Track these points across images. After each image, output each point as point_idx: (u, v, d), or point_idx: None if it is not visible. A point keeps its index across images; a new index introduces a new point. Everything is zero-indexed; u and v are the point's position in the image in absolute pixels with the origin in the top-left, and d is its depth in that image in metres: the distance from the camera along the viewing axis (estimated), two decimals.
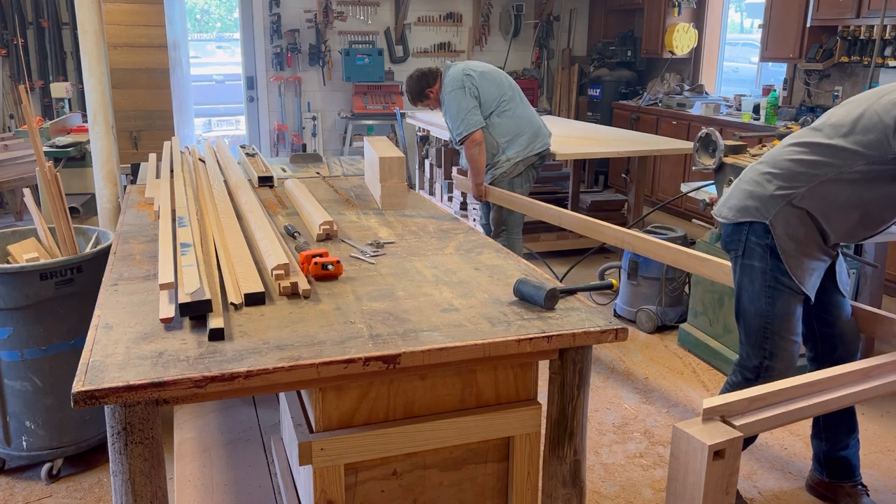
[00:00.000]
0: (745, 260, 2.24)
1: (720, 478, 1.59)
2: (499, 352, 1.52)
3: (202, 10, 13.07)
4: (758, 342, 2.26)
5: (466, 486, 1.66)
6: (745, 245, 2.23)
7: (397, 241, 2.26)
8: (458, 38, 8.23)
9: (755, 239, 2.19)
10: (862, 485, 2.51)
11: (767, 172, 2.19)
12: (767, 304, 2.21)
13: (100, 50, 3.17)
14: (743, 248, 2.24)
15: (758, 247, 2.19)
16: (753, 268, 2.22)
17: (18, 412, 2.56)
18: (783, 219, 2.14)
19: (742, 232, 2.23)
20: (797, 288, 2.17)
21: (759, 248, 2.19)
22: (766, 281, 2.20)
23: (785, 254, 2.15)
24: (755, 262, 2.21)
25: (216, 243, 2.02)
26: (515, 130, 3.98)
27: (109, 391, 1.28)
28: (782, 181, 2.14)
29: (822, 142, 2.10)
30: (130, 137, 5.92)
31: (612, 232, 3.13)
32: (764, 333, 2.24)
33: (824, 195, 2.09)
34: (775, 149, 2.26)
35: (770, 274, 2.18)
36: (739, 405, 1.68)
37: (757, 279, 2.22)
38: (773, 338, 2.23)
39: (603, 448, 2.90)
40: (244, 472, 2.26)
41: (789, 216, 2.13)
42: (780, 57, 6.06)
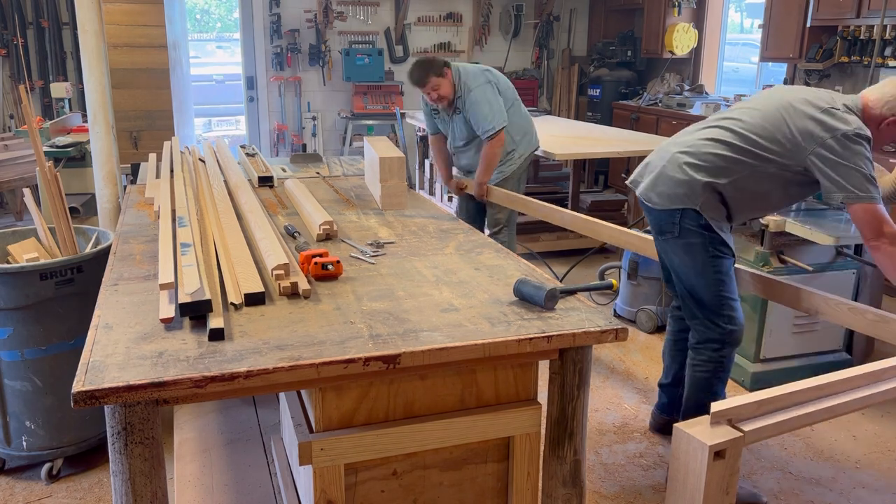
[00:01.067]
0: (683, 239, 2.42)
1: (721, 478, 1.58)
2: (499, 352, 1.52)
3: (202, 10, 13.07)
4: (716, 311, 2.44)
5: (466, 486, 1.66)
6: (680, 227, 2.41)
7: (397, 241, 2.26)
8: (458, 38, 8.23)
9: (689, 221, 2.39)
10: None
11: (692, 164, 2.38)
12: (715, 272, 2.41)
13: (100, 50, 3.17)
14: (679, 229, 2.41)
15: (693, 226, 2.39)
16: (693, 244, 2.41)
17: (18, 412, 2.56)
18: (707, 202, 2.37)
19: (675, 216, 2.41)
20: (731, 252, 2.43)
21: (694, 227, 2.38)
22: (707, 252, 2.40)
23: (717, 227, 2.39)
24: (693, 239, 2.40)
25: (216, 243, 2.02)
26: (526, 128, 3.98)
27: (109, 391, 1.28)
28: (707, 173, 2.35)
29: (740, 144, 2.33)
30: (130, 137, 5.92)
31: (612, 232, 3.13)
32: (720, 300, 2.43)
33: (740, 188, 2.36)
34: (692, 136, 2.46)
35: (710, 245, 2.39)
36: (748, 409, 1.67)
37: (699, 253, 2.41)
38: (728, 301, 2.43)
39: (603, 448, 2.90)
40: (244, 472, 2.26)
41: (711, 199, 2.37)
42: (780, 57, 6.06)
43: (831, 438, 2.97)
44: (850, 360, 3.51)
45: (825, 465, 2.77)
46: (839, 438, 2.97)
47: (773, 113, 2.32)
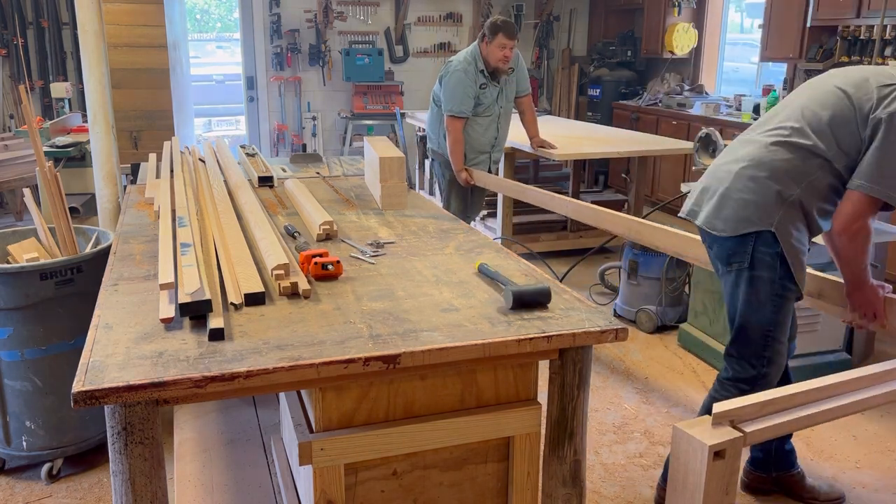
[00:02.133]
0: (754, 272, 2.15)
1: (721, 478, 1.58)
2: (499, 352, 1.52)
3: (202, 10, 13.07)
4: (758, 352, 2.21)
5: (466, 486, 1.66)
6: (752, 256, 2.14)
7: (397, 241, 2.25)
8: (458, 38, 8.23)
9: (764, 248, 2.12)
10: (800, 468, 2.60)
11: (761, 175, 2.12)
12: (773, 312, 2.17)
13: (100, 50, 3.17)
14: (750, 259, 2.14)
15: (767, 256, 2.12)
16: (762, 278, 2.14)
17: (18, 412, 2.56)
18: (787, 222, 2.10)
19: (748, 244, 2.13)
20: (798, 291, 2.18)
21: (769, 257, 2.12)
22: (774, 290, 2.15)
23: (792, 257, 2.12)
24: (764, 273, 2.14)
25: (216, 243, 2.02)
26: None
27: (109, 391, 1.28)
28: (779, 183, 2.10)
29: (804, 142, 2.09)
30: (130, 137, 5.92)
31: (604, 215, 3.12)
32: (765, 342, 2.20)
33: (816, 192, 2.10)
34: (750, 149, 2.19)
35: (779, 283, 2.14)
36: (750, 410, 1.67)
37: (765, 289, 2.15)
38: (774, 345, 2.20)
39: (603, 448, 2.90)
40: (244, 472, 2.26)
41: (791, 217, 2.11)
42: (780, 57, 6.06)
43: (831, 438, 2.97)
44: (849, 360, 3.51)
45: (825, 465, 2.77)
46: (839, 438, 2.97)
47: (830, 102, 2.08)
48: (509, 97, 4.28)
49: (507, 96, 4.26)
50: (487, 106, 4.17)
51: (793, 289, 2.16)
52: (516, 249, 4.67)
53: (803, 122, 2.11)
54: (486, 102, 4.16)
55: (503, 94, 4.22)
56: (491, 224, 5.51)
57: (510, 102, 4.31)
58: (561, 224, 5.54)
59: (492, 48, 4.04)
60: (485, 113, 4.18)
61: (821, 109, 2.09)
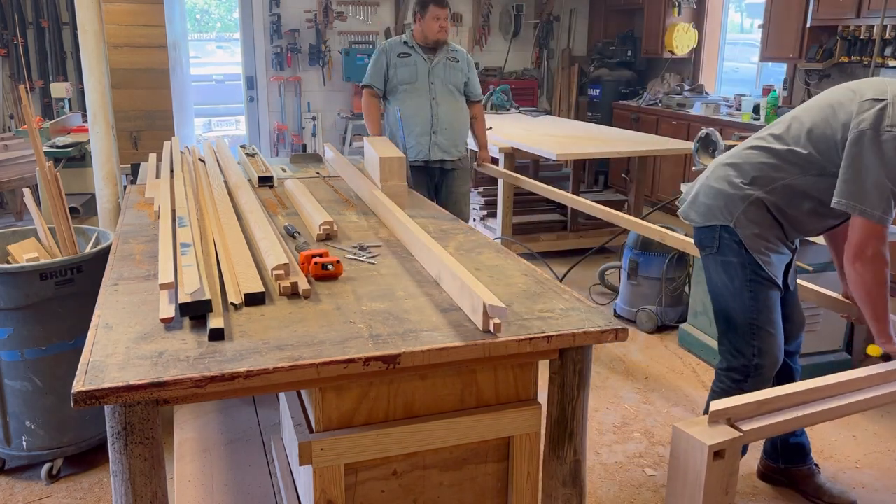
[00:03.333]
0: (722, 256, 2.25)
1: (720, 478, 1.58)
2: (499, 352, 1.52)
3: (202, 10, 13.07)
4: (746, 340, 2.26)
5: (466, 486, 1.66)
6: (719, 242, 2.25)
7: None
8: (458, 38, 8.23)
9: (728, 236, 2.23)
10: (816, 465, 2.61)
11: (734, 173, 2.23)
12: (751, 298, 2.22)
13: (100, 50, 3.17)
14: (718, 244, 2.26)
15: (733, 243, 2.22)
16: (732, 263, 2.24)
17: (18, 412, 2.56)
18: (746, 219, 2.19)
19: (715, 231, 2.26)
20: (772, 282, 2.22)
21: (735, 244, 2.22)
22: (746, 275, 2.22)
23: (754, 251, 2.20)
24: (733, 258, 2.23)
25: (216, 243, 2.02)
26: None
27: (109, 391, 1.28)
28: (744, 182, 2.21)
29: (781, 147, 2.17)
30: (130, 137, 5.92)
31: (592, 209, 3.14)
32: (751, 330, 2.24)
33: (782, 195, 2.17)
34: (741, 147, 2.31)
35: (749, 268, 2.21)
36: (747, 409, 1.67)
37: (737, 274, 2.23)
38: (761, 333, 2.23)
39: (603, 448, 2.90)
40: (244, 472, 2.26)
41: (752, 214, 2.19)
42: (780, 57, 6.06)
43: (831, 438, 2.97)
44: (849, 360, 3.51)
45: (825, 465, 2.77)
46: (839, 438, 2.97)
47: (815, 113, 2.14)
48: (449, 81, 4.15)
49: (445, 79, 4.13)
50: (411, 80, 4.08)
51: (764, 276, 2.20)
52: (516, 249, 4.67)
53: (787, 129, 2.19)
54: (407, 74, 4.08)
55: (437, 74, 4.11)
56: (491, 224, 5.51)
57: (451, 89, 4.16)
58: (561, 224, 5.54)
59: (427, 22, 4.01)
60: (411, 85, 4.08)
61: (807, 119, 2.15)
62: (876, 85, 2.07)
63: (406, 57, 4.10)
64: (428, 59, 4.12)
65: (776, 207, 2.19)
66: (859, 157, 1.99)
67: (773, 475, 2.66)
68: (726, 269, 2.26)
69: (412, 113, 4.09)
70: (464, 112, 4.28)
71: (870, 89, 2.05)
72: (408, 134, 4.06)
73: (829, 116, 2.09)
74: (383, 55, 4.14)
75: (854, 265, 2.04)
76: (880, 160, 1.95)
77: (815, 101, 2.19)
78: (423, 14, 4.04)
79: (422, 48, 4.11)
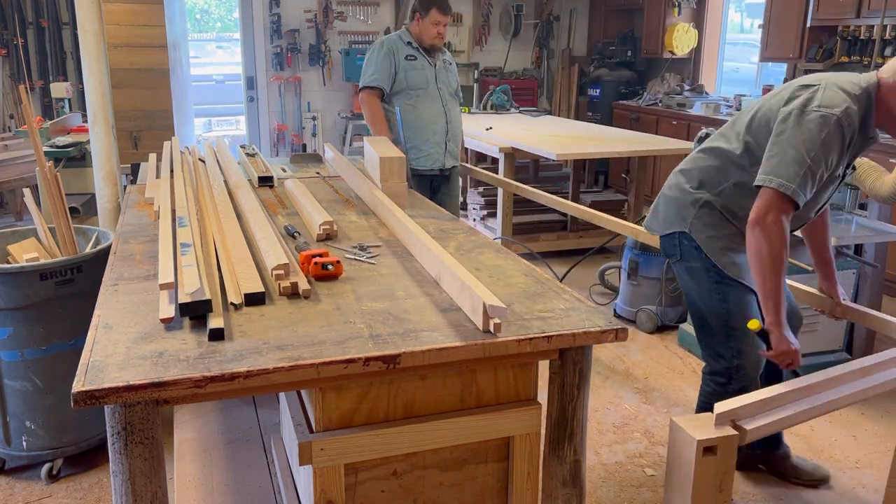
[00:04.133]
0: (686, 262, 2.29)
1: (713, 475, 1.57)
2: (499, 352, 1.52)
3: (202, 10, 13.07)
4: (722, 342, 2.26)
5: (466, 486, 1.66)
6: (681, 249, 2.28)
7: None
8: (458, 38, 8.23)
9: (687, 242, 2.26)
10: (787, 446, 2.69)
11: (681, 178, 2.30)
12: (720, 300, 2.23)
13: (100, 50, 3.17)
14: (679, 251, 2.29)
15: (692, 248, 2.25)
16: (696, 268, 2.26)
17: (18, 412, 2.56)
18: (700, 223, 2.22)
19: (675, 239, 2.29)
20: (740, 282, 2.21)
21: (695, 249, 2.24)
22: (711, 278, 2.23)
23: (712, 255, 2.21)
24: (695, 263, 2.25)
25: (216, 243, 2.02)
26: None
27: (109, 391, 1.28)
28: (693, 187, 2.25)
29: (725, 148, 2.20)
30: (130, 137, 5.92)
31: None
32: (726, 332, 2.24)
33: (730, 196, 2.19)
34: (690, 155, 2.37)
35: (713, 270, 2.22)
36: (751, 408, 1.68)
37: (702, 277, 2.25)
38: (736, 334, 2.23)
39: (603, 448, 2.90)
40: (244, 472, 2.26)
41: (704, 217, 2.22)
42: (780, 57, 6.06)
43: (831, 438, 2.97)
44: (849, 360, 3.50)
45: (825, 465, 2.77)
46: (839, 438, 2.97)
47: (755, 107, 2.16)
48: (451, 85, 4.04)
49: (447, 83, 4.01)
50: (423, 85, 3.90)
51: (730, 277, 2.20)
52: (516, 249, 4.67)
53: (732, 129, 2.22)
54: (419, 78, 3.89)
55: (441, 79, 3.98)
56: (491, 224, 5.51)
57: (452, 94, 4.06)
58: (561, 224, 5.54)
59: (425, 25, 3.84)
60: (423, 91, 3.90)
61: (749, 112, 2.18)
62: (814, 77, 2.09)
63: (413, 60, 3.91)
64: (431, 62, 3.97)
65: (726, 208, 2.20)
66: (782, 135, 1.99)
67: (749, 463, 2.70)
68: (692, 275, 2.28)
69: (428, 120, 3.92)
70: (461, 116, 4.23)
71: (806, 79, 2.09)
72: (422, 142, 3.93)
73: (767, 109, 2.11)
74: (391, 55, 3.87)
75: (753, 230, 1.99)
76: (802, 137, 1.95)
77: (759, 99, 2.23)
78: (424, 16, 3.86)
79: (422, 50, 3.95)
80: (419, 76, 3.91)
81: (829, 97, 1.97)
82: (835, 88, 1.99)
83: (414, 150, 3.94)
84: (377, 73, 3.90)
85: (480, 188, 5.89)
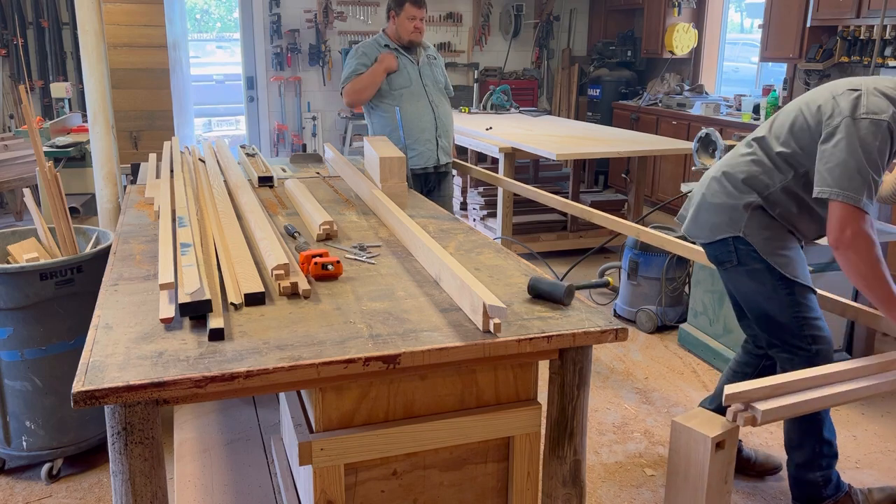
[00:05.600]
0: (745, 266, 2.24)
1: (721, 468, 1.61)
2: (499, 352, 1.52)
3: (202, 10, 13.08)
4: (797, 334, 2.22)
5: (466, 486, 1.66)
6: (737, 253, 2.24)
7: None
8: (458, 38, 8.24)
9: (744, 247, 2.22)
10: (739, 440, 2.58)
11: (727, 183, 2.25)
12: (787, 294, 2.20)
13: (100, 50, 3.17)
14: (737, 256, 2.24)
15: (750, 251, 2.21)
16: (757, 269, 2.22)
17: (18, 412, 2.56)
18: (754, 226, 2.20)
19: (728, 244, 2.25)
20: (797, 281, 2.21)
21: (752, 251, 2.21)
22: (775, 277, 2.20)
23: (768, 255, 2.19)
24: (756, 265, 2.22)
25: (216, 243, 2.02)
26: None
27: (109, 391, 1.28)
28: (740, 191, 2.22)
29: (768, 153, 2.20)
30: (130, 137, 5.92)
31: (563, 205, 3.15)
32: (798, 323, 2.21)
33: (778, 200, 2.18)
34: (731, 155, 2.33)
35: (774, 269, 2.20)
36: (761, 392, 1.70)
37: (766, 278, 2.21)
38: (808, 322, 2.21)
39: (603, 448, 2.90)
40: (244, 472, 2.26)
41: (758, 220, 2.20)
42: (780, 57, 6.06)
43: None
44: (849, 359, 3.50)
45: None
46: (839, 438, 2.97)
47: (793, 111, 2.17)
48: (437, 80, 3.99)
49: (434, 79, 3.97)
50: (406, 84, 3.86)
51: (789, 276, 2.19)
52: (516, 249, 4.67)
53: (771, 132, 2.21)
54: (401, 78, 3.85)
55: (426, 75, 3.94)
56: (491, 224, 5.51)
57: (440, 89, 4.02)
58: (561, 224, 5.54)
59: (401, 21, 3.81)
60: (407, 90, 3.86)
61: (787, 120, 2.18)
62: (852, 81, 2.10)
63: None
64: (413, 59, 3.93)
65: (777, 211, 2.20)
66: (837, 145, 1.99)
67: None
68: (753, 277, 2.24)
69: (416, 118, 3.90)
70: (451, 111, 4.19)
71: (845, 84, 2.09)
72: (413, 141, 3.91)
73: (808, 114, 2.11)
74: (366, 58, 3.83)
75: (838, 251, 2.01)
76: (858, 146, 1.96)
77: (795, 102, 2.22)
78: (398, 12, 3.81)
79: (402, 48, 3.90)
80: (401, 76, 3.88)
81: (875, 103, 1.99)
82: (876, 93, 2.01)
83: (408, 151, 3.93)
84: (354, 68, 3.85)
85: (480, 188, 5.89)
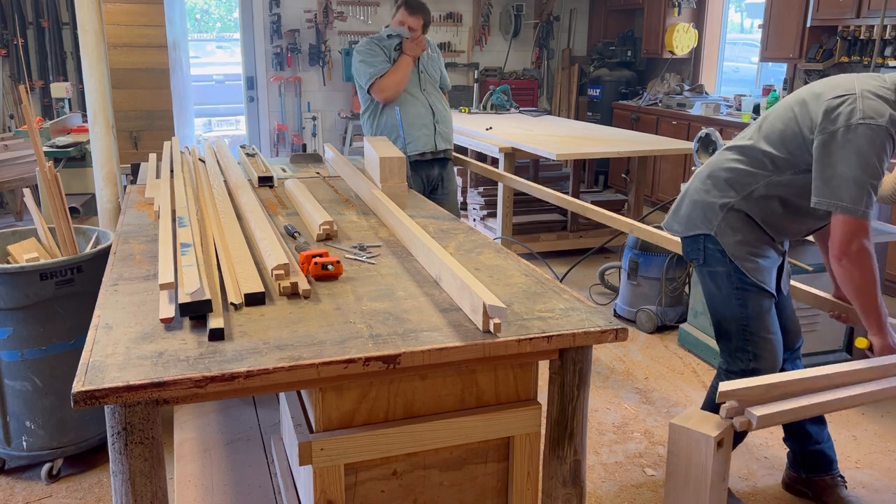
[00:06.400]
0: (708, 266, 2.27)
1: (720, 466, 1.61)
2: (499, 352, 1.52)
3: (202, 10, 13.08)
4: (740, 346, 2.25)
5: (466, 486, 1.66)
6: (704, 253, 2.26)
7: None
8: (458, 38, 8.23)
9: (712, 246, 2.23)
10: (840, 476, 2.54)
11: (708, 181, 2.26)
12: (740, 305, 2.22)
13: (100, 50, 3.17)
14: (703, 255, 2.27)
15: (717, 252, 2.23)
16: (718, 272, 2.25)
17: (18, 412, 2.56)
18: (727, 226, 2.20)
19: (699, 241, 2.27)
20: (760, 288, 2.20)
21: (718, 253, 2.22)
22: (732, 283, 2.22)
23: (737, 259, 2.20)
24: (718, 268, 2.24)
25: (216, 243, 2.02)
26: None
27: (109, 391, 1.28)
28: (720, 190, 2.22)
29: (751, 153, 2.19)
30: (130, 137, 5.92)
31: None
32: (744, 335, 2.23)
33: (758, 201, 2.18)
34: (715, 155, 2.33)
35: (735, 276, 2.21)
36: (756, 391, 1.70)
37: (724, 283, 2.24)
38: (754, 338, 2.23)
39: (603, 448, 2.90)
40: (244, 472, 2.26)
41: (732, 222, 2.20)
42: (780, 57, 6.06)
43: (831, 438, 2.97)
44: (849, 360, 3.51)
45: None
46: (839, 438, 2.97)
47: (784, 112, 2.15)
48: (433, 77, 4.05)
49: (429, 72, 4.02)
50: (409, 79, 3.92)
51: (750, 283, 2.20)
52: (516, 249, 4.67)
53: (760, 133, 2.19)
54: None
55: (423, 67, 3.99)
56: (491, 224, 5.51)
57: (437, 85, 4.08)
58: (561, 224, 5.54)
59: (393, 24, 3.90)
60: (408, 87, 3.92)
61: (777, 121, 2.16)
62: (841, 82, 2.07)
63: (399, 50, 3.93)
64: None
65: (755, 212, 2.19)
66: (833, 154, 1.98)
67: (796, 486, 2.59)
68: (713, 279, 2.27)
69: (410, 105, 3.94)
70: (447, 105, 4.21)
71: (836, 87, 2.06)
72: (409, 127, 3.93)
73: (797, 116, 2.10)
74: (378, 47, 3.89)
75: (840, 262, 2.03)
76: (854, 154, 1.95)
77: (784, 102, 2.20)
78: (394, 14, 3.90)
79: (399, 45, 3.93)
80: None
81: (871, 106, 1.96)
82: (871, 96, 1.99)
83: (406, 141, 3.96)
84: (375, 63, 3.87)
85: (480, 188, 5.89)
